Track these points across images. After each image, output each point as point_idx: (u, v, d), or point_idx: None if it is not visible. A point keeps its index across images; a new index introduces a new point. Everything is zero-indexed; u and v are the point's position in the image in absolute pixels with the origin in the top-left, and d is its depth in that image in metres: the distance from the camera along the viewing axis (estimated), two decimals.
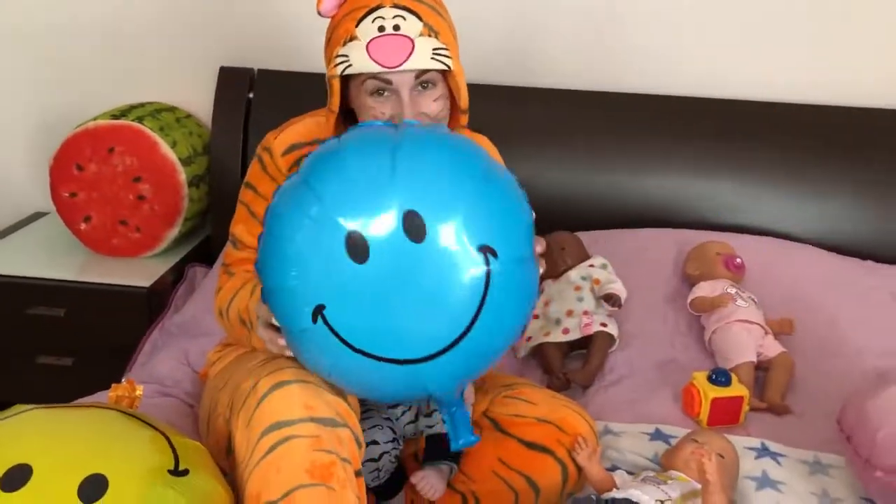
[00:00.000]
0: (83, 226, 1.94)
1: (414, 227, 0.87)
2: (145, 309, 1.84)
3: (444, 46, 1.06)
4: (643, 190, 1.94)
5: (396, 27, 1.05)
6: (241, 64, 2.06)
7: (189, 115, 2.11)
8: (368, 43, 1.04)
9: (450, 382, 0.95)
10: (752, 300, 1.57)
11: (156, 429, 0.90)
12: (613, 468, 1.17)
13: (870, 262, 1.80)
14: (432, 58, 1.05)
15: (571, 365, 1.52)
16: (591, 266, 1.65)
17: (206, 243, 2.09)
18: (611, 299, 1.56)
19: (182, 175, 1.91)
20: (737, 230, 1.88)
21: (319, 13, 1.11)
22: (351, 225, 0.87)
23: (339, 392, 0.99)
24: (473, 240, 0.88)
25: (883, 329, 1.55)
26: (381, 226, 0.87)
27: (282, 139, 1.19)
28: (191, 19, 2.09)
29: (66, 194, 1.92)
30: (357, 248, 0.87)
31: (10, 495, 0.75)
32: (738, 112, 1.96)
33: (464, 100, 1.12)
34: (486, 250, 0.88)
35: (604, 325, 1.52)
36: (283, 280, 0.90)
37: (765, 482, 1.17)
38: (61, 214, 1.95)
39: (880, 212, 1.90)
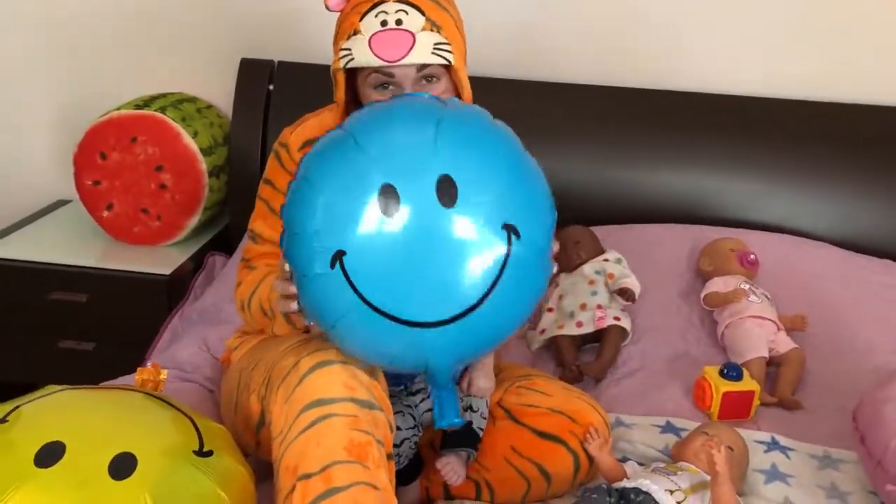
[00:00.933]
0: (106, 213, 1.98)
1: (447, 192, 0.89)
2: (165, 296, 1.87)
3: (445, 41, 1.08)
4: (658, 185, 1.95)
5: (399, 21, 1.07)
6: (261, 56, 2.08)
7: (210, 106, 2.14)
8: (371, 37, 1.07)
9: (449, 357, 0.95)
10: (766, 296, 1.58)
11: (181, 411, 0.93)
12: (624, 459, 1.19)
13: (886, 261, 1.80)
14: (433, 52, 1.07)
15: (584, 358, 1.54)
16: (606, 260, 1.66)
17: (225, 232, 2.12)
18: (625, 293, 1.58)
19: (203, 165, 1.94)
20: (751, 227, 1.89)
21: (328, 7, 1.14)
22: (387, 178, 0.89)
23: (376, 376, 1.01)
24: (501, 217, 0.90)
25: (883, 331, 1.56)
26: (415, 185, 0.89)
27: (298, 134, 1.22)
28: (213, 11, 2.12)
29: (90, 182, 1.95)
30: (388, 200, 0.88)
31: (44, 471, 0.78)
32: (752, 109, 1.96)
33: (467, 94, 1.14)
34: (511, 230, 0.90)
35: (617, 318, 1.54)
36: (308, 222, 0.91)
37: (774, 475, 1.19)
38: (84, 202, 1.99)
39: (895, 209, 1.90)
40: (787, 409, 1.39)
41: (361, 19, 1.08)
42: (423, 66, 1.08)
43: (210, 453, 0.88)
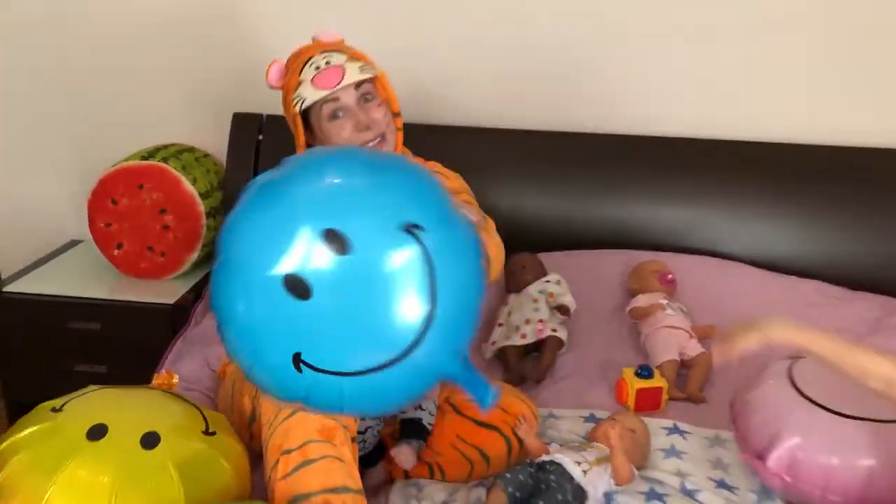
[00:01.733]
0: (116, 252, 2.26)
1: (337, 242, 0.87)
2: (169, 323, 2.13)
3: (367, 65, 1.41)
4: (598, 217, 2.22)
5: (328, 62, 1.39)
6: (251, 110, 2.37)
7: (207, 155, 2.42)
8: (311, 79, 1.38)
9: (449, 354, 0.94)
10: (681, 310, 1.87)
11: (189, 403, 1.20)
12: (550, 442, 1.46)
13: (794, 278, 2.08)
14: (361, 70, 1.39)
15: (527, 364, 1.81)
16: (548, 281, 1.95)
17: None
18: (562, 309, 1.86)
19: (201, 207, 2.22)
20: (682, 251, 2.17)
21: (270, 85, 1.45)
22: (279, 270, 0.87)
23: None
24: (393, 225, 0.89)
25: None
26: (303, 257, 0.87)
27: None
28: (208, 71, 2.41)
29: (102, 224, 2.23)
30: (296, 287, 0.87)
31: (93, 444, 1.06)
32: (678, 148, 2.25)
33: (395, 104, 1.45)
34: (410, 228, 0.89)
35: (554, 330, 1.82)
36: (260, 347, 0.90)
37: (671, 452, 1.46)
38: (97, 242, 2.26)
39: (814, 235, 2.18)
40: (694, 403, 1.66)
41: (300, 74, 1.40)
42: (359, 85, 1.39)
43: (214, 433, 1.16)
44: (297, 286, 0.87)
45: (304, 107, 1.38)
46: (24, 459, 1.05)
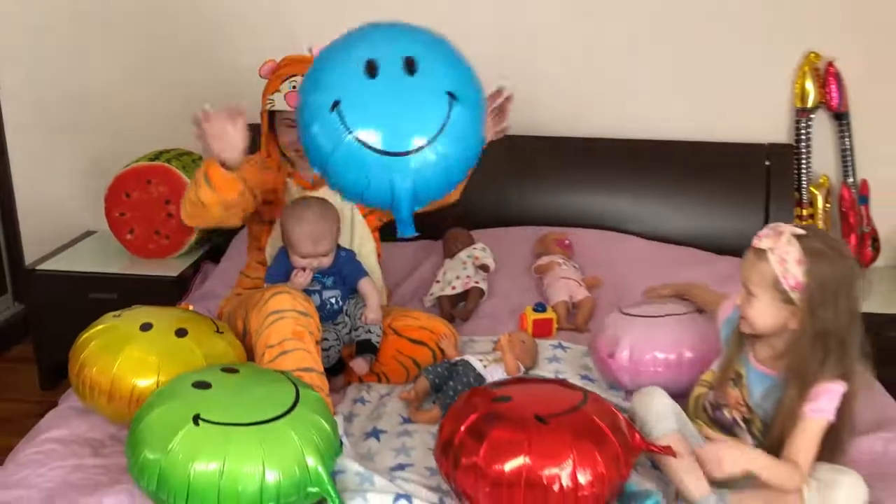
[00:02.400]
0: (128, 236, 2.77)
1: (409, 65, 1.40)
2: (174, 292, 2.64)
3: None
4: (525, 203, 2.79)
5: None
6: None
7: (201, 157, 2.95)
8: (285, 94, 1.90)
9: (409, 182, 1.41)
10: (574, 266, 2.42)
11: (203, 315, 1.74)
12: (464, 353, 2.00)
13: (673, 245, 2.63)
14: None
15: (457, 309, 2.35)
16: (475, 248, 2.50)
17: (214, 247, 2.90)
18: (484, 268, 2.42)
19: None
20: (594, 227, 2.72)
21: (260, 75, 1.97)
22: (370, 55, 1.40)
23: (310, 303, 1.78)
24: (444, 85, 1.42)
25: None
26: (390, 59, 1.40)
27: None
28: (202, 87, 2.95)
29: (117, 214, 2.74)
30: (372, 67, 1.38)
31: (144, 333, 1.60)
32: (594, 146, 2.80)
33: None
34: (451, 95, 1.42)
35: (477, 283, 2.37)
36: (315, 90, 1.42)
37: (553, 360, 2.00)
38: (112, 229, 2.77)
39: (692, 213, 2.74)
40: (579, 332, 2.21)
41: (281, 84, 1.91)
42: None
43: (222, 332, 1.69)
44: (372, 67, 1.36)
45: (271, 109, 1.92)
46: (99, 344, 1.58)
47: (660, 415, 1.50)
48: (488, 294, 2.40)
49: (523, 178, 2.80)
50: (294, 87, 1.90)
